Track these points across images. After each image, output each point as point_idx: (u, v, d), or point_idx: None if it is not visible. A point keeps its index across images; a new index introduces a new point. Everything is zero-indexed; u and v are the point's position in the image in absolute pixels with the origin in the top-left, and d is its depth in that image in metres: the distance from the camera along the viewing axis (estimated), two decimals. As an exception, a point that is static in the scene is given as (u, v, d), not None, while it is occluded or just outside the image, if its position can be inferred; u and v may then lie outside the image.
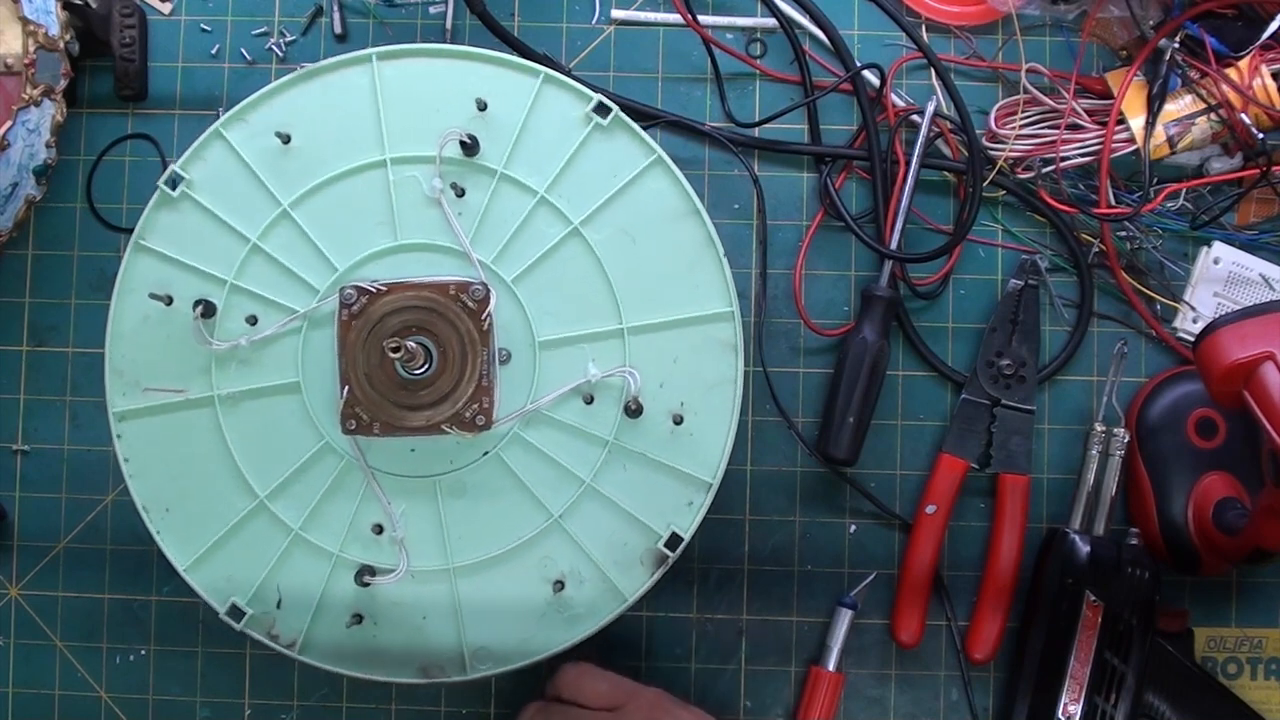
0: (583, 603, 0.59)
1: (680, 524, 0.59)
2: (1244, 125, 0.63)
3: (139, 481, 0.60)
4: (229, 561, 0.59)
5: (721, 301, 0.60)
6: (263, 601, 0.59)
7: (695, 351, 0.60)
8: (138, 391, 0.60)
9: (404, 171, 0.60)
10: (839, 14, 0.68)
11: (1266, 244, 0.67)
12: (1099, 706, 0.61)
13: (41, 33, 0.62)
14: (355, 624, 0.59)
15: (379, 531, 0.59)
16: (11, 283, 0.68)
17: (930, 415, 0.68)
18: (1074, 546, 0.62)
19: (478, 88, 0.60)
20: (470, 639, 0.59)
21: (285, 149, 0.60)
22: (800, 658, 0.67)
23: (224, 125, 0.61)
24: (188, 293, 0.60)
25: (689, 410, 0.59)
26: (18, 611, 0.67)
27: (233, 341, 0.59)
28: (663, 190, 0.60)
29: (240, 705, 0.67)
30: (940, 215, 0.68)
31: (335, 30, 0.69)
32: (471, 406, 0.56)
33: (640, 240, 0.60)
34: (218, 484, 0.60)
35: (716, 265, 0.60)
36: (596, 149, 0.60)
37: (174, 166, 0.60)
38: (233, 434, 0.60)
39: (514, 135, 0.60)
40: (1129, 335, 0.67)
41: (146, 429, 0.60)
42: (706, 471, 0.59)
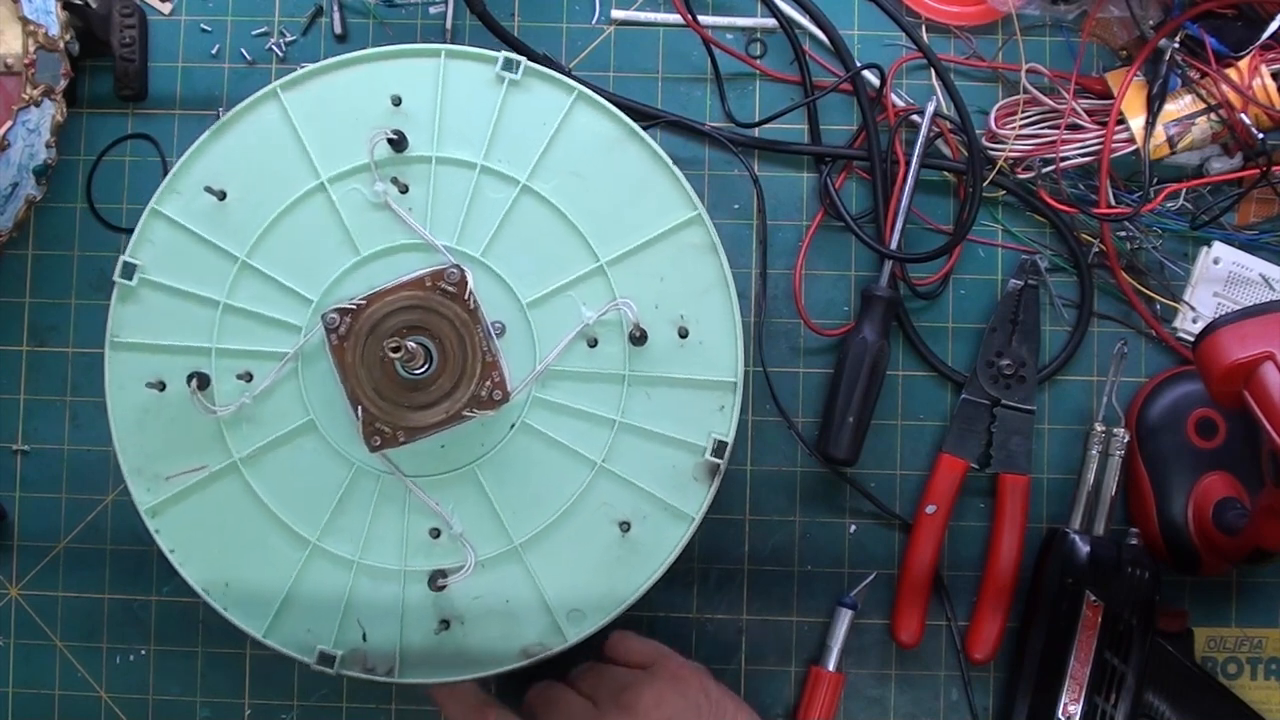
0: (651, 538, 0.59)
1: (719, 430, 0.59)
2: (1244, 125, 0.63)
3: (190, 568, 0.59)
4: (303, 613, 0.59)
5: (685, 208, 0.60)
6: (348, 638, 0.59)
7: (677, 263, 0.60)
8: (161, 482, 0.59)
9: (344, 187, 0.60)
10: (839, 14, 0.68)
11: (1266, 244, 0.67)
12: (1099, 706, 0.61)
13: (41, 33, 0.62)
14: (443, 630, 0.59)
15: (436, 535, 0.59)
16: (11, 283, 0.68)
17: (930, 415, 0.68)
18: (1074, 546, 0.62)
19: (387, 85, 0.60)
20: (558, 606, 0.59)
21: (223, 204, 0.60)
22: (800, 658, 0.67)
23: (158, 202, 0.60)
24: (177, 372, 0.59)
25: (690, 321, 0.59)
26: (18, 611, 0.67)
27: (235, 404, 0.59)
28: (592, 123, 0.61)
29: (240, 705, 0.67)
30: (940, 215, 0.68)
31: (335, 30, 0.69)
32: (484, 385, 0.56)
33: (589, 176, 0.60)
34: (267, 543, 0.59)
35: (669, 176, 0.60)
36: (518, 104, 0.60)
37: (124, 257, 0.60)
38: (265, 491, 0.59)
39: (435, 117, 0.60)
40: (1129, 335, 0.67)
41: (181, 515, 0.60)
42: (727, 373, 0.59)
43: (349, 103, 0.61)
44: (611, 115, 0.61)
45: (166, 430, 0.60)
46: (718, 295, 0.60)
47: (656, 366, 0.59)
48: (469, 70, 0.61)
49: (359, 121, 0.60)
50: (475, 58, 0.61)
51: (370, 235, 0.60)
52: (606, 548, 0.59)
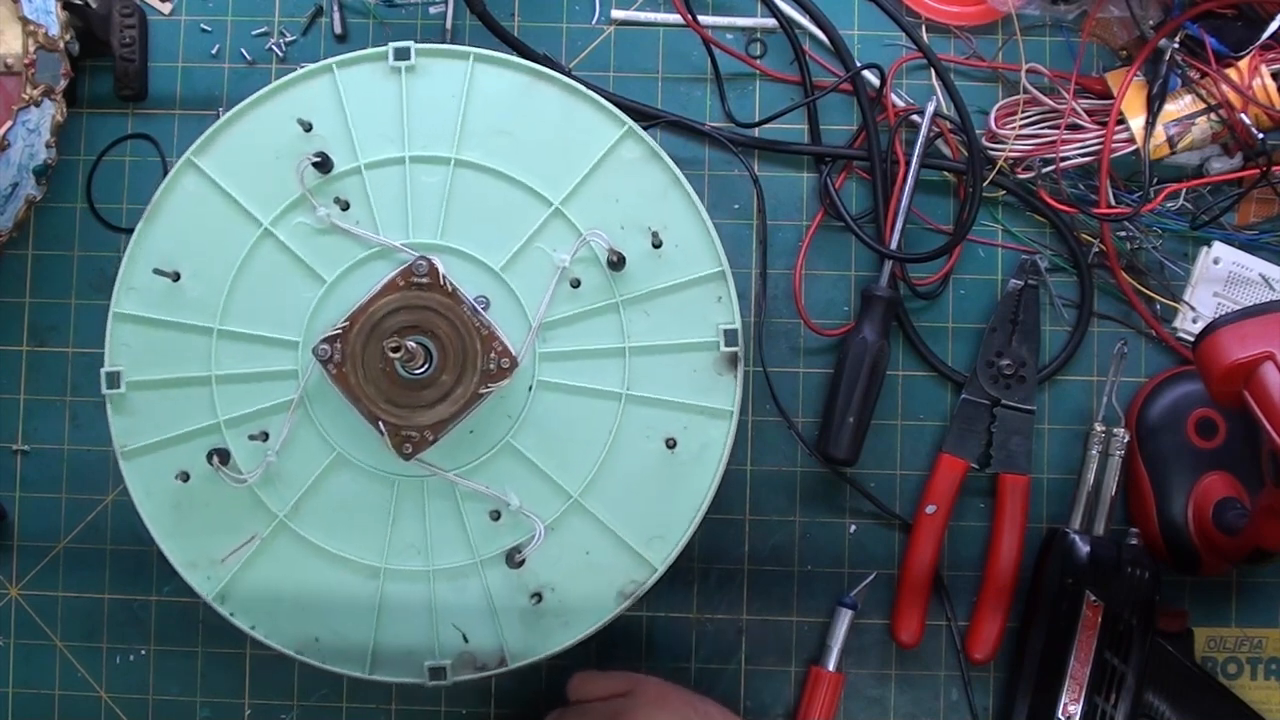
0: (697, 445, 0.59)
1: (724, 320, 0.59)
2: (1244, 125, 0.63)
3: (278, 637, 0.60)
4: (400, 637, 0.59)
5: (613, 127, 0.60)
6: (449, 647, 0.59)
7: (625, 180, 0.60)
8: (217, 566, 0.60)
9: (288, 225, 0.60)
10: (839, 14, 0.68)
11: (1266, 244, 0.67)
12: (1099, 706, 0.61)
13: (41, 33, 0.62)
14: (537, 602, 0.59)
15: (497, 517, 0.59)
16: (11, 283, 0.68)
17: (930, 415, 0.68)
18: (1074, 546, 0.62)
19: (291, 114, 0.60)
20: (635, 539, 0.59)
21: (180, 283, 0.60)
22: (800, 658, 0.67)
23: (117, 304, 0.60)
24: (195, 457, 0.59)
25: (659, 229, 0.59)
26: (18, 611, 0.67)
27: (261, 466, 0.59)
28: (495, 78, 0.61)
29: (240, 705, 0.67)
30: (940, 215, 0.68)
31: (335, 30, 0.69)
32: (489, 359, 0.56)
33: (513, 130, 0.60)
34: (342, 589, 0.59)
35: (589, 103, 0.61)
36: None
37: (104, 369, 0.60)
38: (321, 537, 0.59)
39: (347, 127, 0.60)
40: (1129, 335, 0.67)
41: (246, 589, 0.60)
42: (710, 265, 0.60)
43: (262, 145, 0.61)
44: (513, 65, 0.61)
45: (204, 515, 0.60)
46: (676, 196, 0.60)
47: (643, 283, 0.60)
48: (364, 73, 0.61)
49: (279, 158, 0.60)
50: (367, 59, 0.61)
51: (330, 260, 0.60)
52: (659, 469, 0.59)
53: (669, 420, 0.59)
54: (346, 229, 0.60)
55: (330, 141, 0.60)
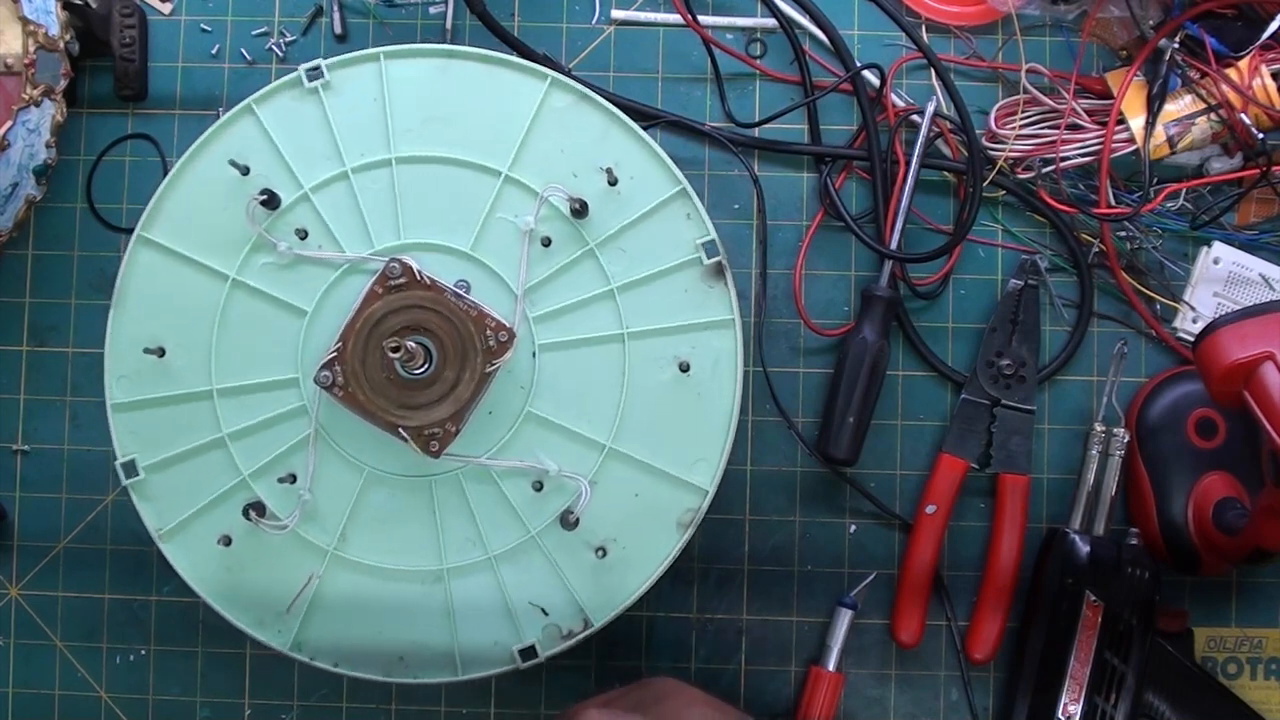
0: (709, 361, 0.60)
1: (698, 235, 0.60)
2: (1244, 125, 0.63)
3: (364, 667, 0.60)
4: (481, 630, 0.59)
5: (535, 82, 0.61)
6: (531, 626, 0.59)
7: (563, 130, 0.60)
8: (284, 618, 0.60)
9: (254, 267, 0.60)
10: (839, 14, 0.68)
11: (1266, 244, 0.67)
12: (1099, 706, 0.61)
13: (41, 33, 0.62)
14: (603, 556, 0.59)
15: (539, 488, 0.59)
16: (11, 283, 0.68)
17: (930, 415, 0.68)
18: (1074, 546, 0.62)
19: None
20: (679, 469, 0.59)
21: (164, 358, 0.60)
22: (800, 658, 0.67)
23: (112, 396, 0.60)
24: (232, 516, 0.59)
25: (611, 166, 0.60)
26: (18, 611, 0.67)
27: (297, 509, 0.59)
28: (410, 69, 0.61)
29: (240, 705, 0.67)
30: (940, 215, 0.68)
31: (335, 30, 0.69)
32: (486, 337, 0.57)
33: (444, 114, 0.60)
34: (411, 601, 0.60)
35: (504, 66, 0.61)
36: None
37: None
38: (375, 557, 0.60)
39: (282, 158, 0.60)
40: (1129, 335, 0.67)
41: (318, 630, 0.60)
42: (670, 186, 0.60)
43: (207, 199, 0.61)
44: (424, 52, 0.61)
45: (256, 573, 0.60)
46: (616, 132, 0.61)
47: (611, 222, 0.60)
48: (283, 101, 0.61)
49: (226, 208, 0.60)
50: (282, 87, 0.61)
51: (304, 290, 0.60)
52: (679, 395, 0.60)
53: (675, 345, 0.60)
54: (310, 256, 0.60)
55: (271, 176, 0.60)
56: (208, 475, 0.60)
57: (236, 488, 0.60)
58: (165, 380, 0.60)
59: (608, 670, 0.66)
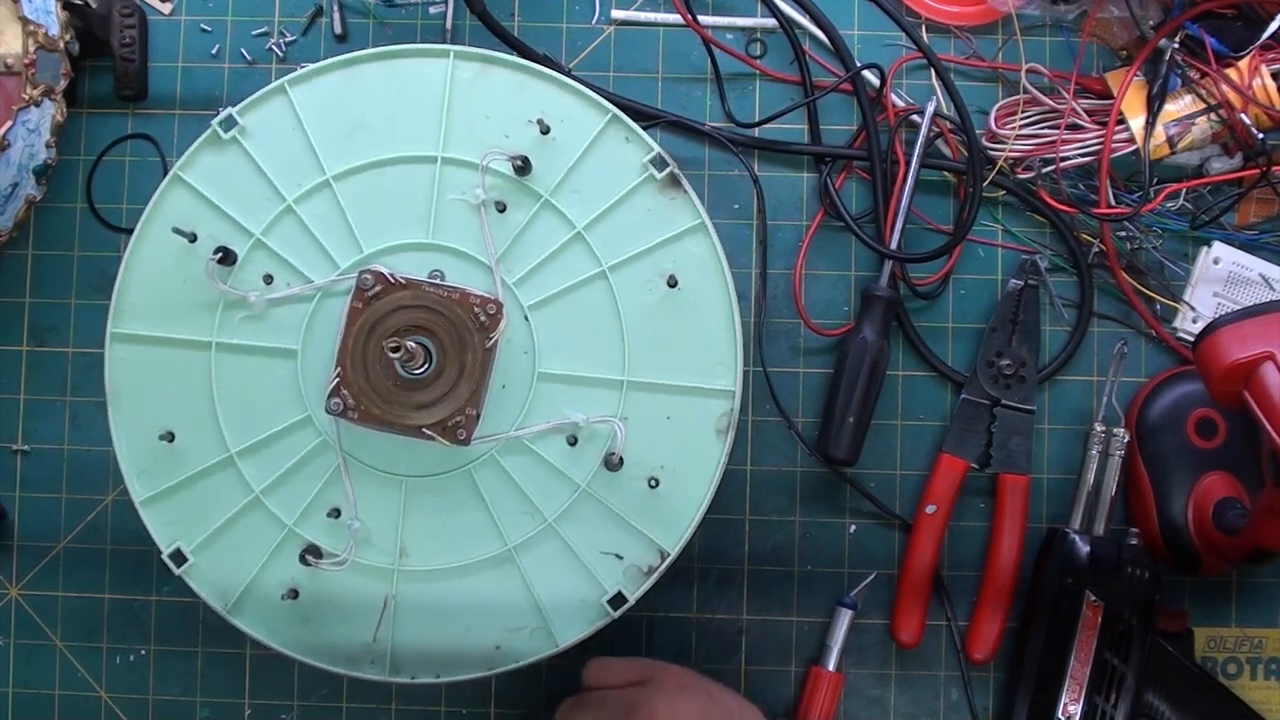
0: (694, 268, 0.60)
1: (644, 154, 0.60)
2: (1244, 125, 0.63)
3: (465, 669, 0.59)
4: (564, 592, 0.60)
5: (438, 60, 0.61)
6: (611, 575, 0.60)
7: (479, 97, 0.60)
8: (372, 647, 0.60)
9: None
10: (839, 14, 0.68)
11: (1266, 244, 0.67)
12: (1099, 706, 0.61)
13: (41, 33, 0.62)
14: (656, 485, 0.59)
15: (574, 442, 0.59)
16: (11, 283, 0.68)
17: (930, 415, 0.68)
18: (1074, 546, 0.62)
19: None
20: (701, 379, 0.60)
21: (175, 443, 0.60)
22: (800, 658, 0.67)
23: (138, 495, 0.60)
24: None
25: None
26: (18, 611, 0.67)
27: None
28: (317, 92, 0.61)
29: (240, 705, 0.67)
30: (940, 215, 0.68)
31: (335, 30, 0.69)
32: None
33: (363, 120, 0.61)
34: (489, 588, 0.60)
35: (404, 57, 0.61)
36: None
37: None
38: (441, 559, 0.60)
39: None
40: (1129, 335, 0.67)
41: (409, 648, 0.60)
42: (600, 116, 0.60)
43: (163, 276, 0.60)
44: (321, 69, 0.61)
45: (331, 614, 0.60)
46: (532, 83, 0.61)
47: (556, 169, 0.60)
48: (208, 161, 0.61)
49: (186, 277, 0.60)
50: (203, 147, 0.61)
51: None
52: (676, 310, 0.60)
53: (655, 264, 0.60)
54: (283, 296, 0.60)
55: (220, 234, 0.60)
56: (254, 536, 0.60)
57: (286, 540, 0.60)
58: (183, 461, 0.60)
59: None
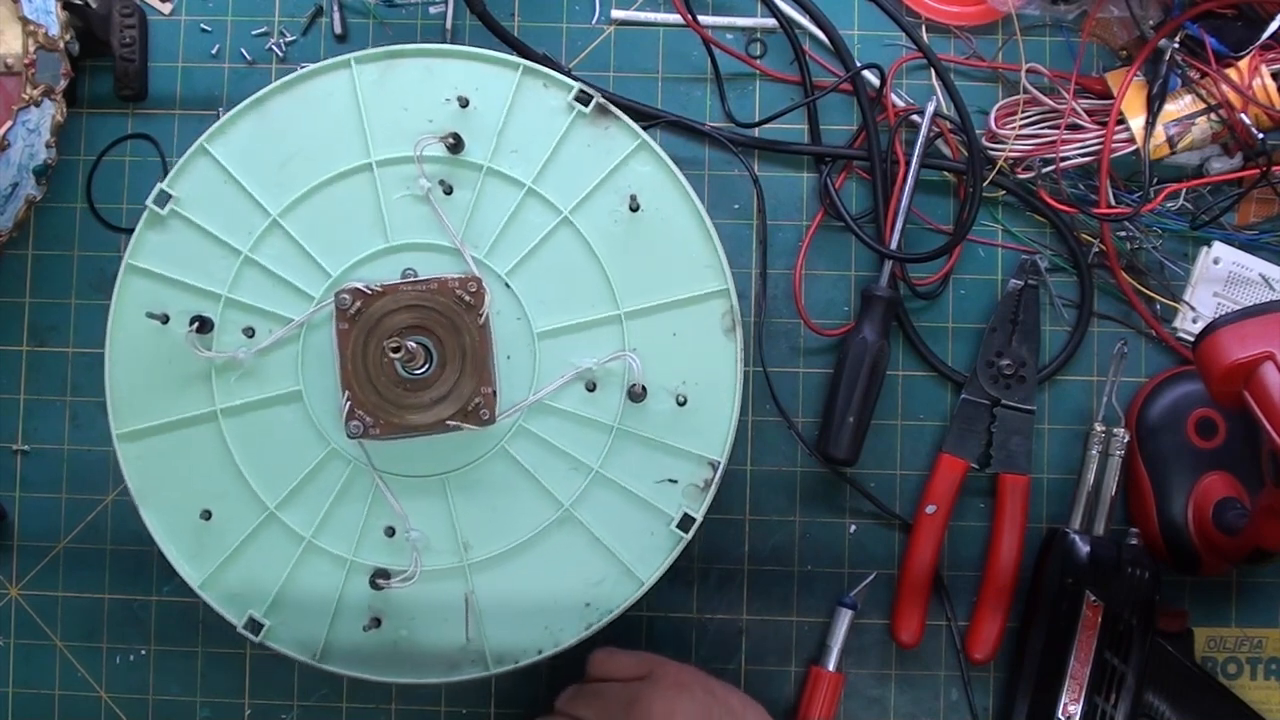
0: (653, 195, 0.60)
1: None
2: (1244, 125, 0.63)
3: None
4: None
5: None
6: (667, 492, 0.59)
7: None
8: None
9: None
10: (839, 14, 0.68)
11: (1266, 244, 0.67)
12: (1099, 706, 0.61)
13: (41, 33, 0.62)
14: (684, 403, 0.59)
15: (592, 388, 0.59)
16: (11, 283, 0.68)
17: (930, 415, 0.68)
18: (1074, 546, 0.62)
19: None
20: (696, 290, 0.60)
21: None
22: (800, 658, 0.67)
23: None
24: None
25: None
26: (18, 611, 0.67)
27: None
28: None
29: (240, 705, 0.67)
30: (940, 215, 0.68)
31: (335, 30, 0.69)
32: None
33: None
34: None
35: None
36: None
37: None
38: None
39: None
40: (1129, 335, 0.67)
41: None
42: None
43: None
44: (233, 118, 0.61)
45: (421, 627, 0.59)
46: (438, 66, 0.61)
47: (488, 137, 0.60)
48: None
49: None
50: (145, 229, 0.61)
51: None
52: (645, 231, 0.60)
53: (611, 195, 0.60)
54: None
55: (190, 305, 0.60)
56: (319, 580, 0.60)
57: (351, 573, 0.59)
58: (227, 533, 0.60)
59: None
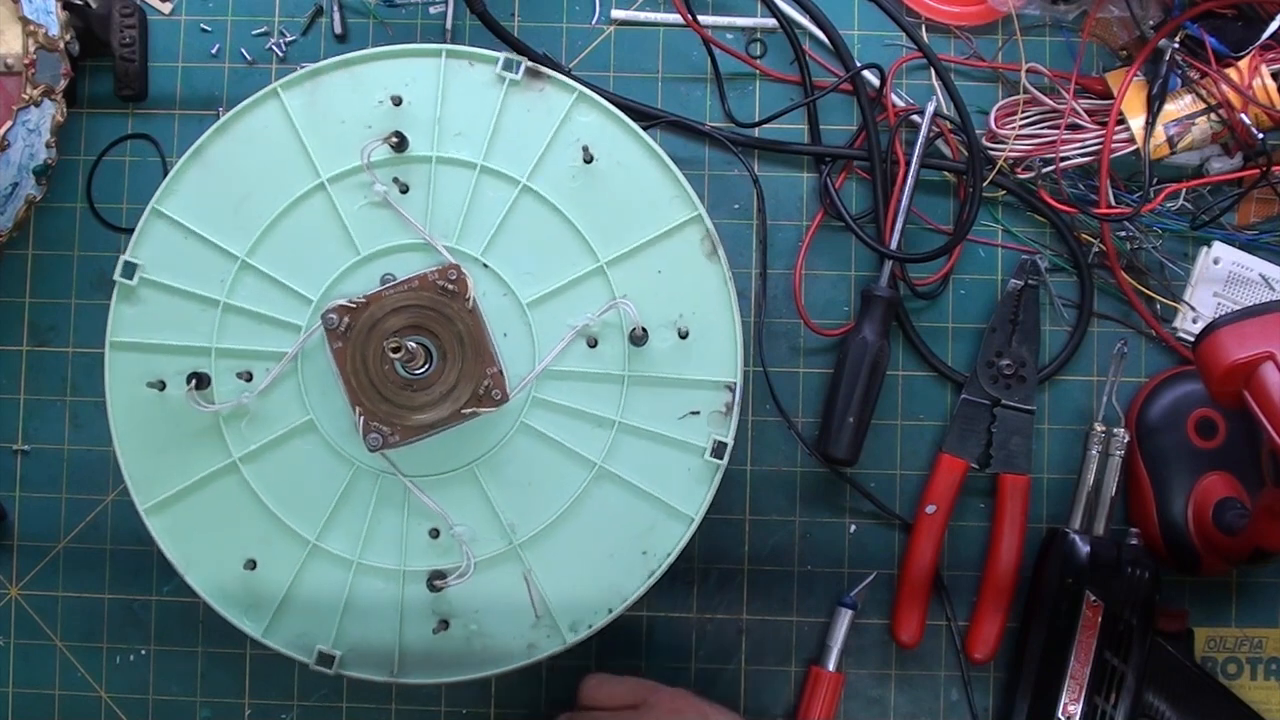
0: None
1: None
2: (1244, 125, 0.63)
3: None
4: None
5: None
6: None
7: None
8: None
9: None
10: (839, 14, 0.68)
11: (1266, 244, 0.67)
12: (1099, 706, 0.61)
13: (41, 33, 0.62)
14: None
15: (594, 343, 0.60)
16: (11, 283, 0.68)
17: (930, 415, 0.68)
18: (1074, 546, 0.62)
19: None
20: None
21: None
22: (800, 658, 0.67)
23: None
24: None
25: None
26: (18, 611, 0.67)
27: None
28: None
29: (240, 705, 0.67)
30: (940, 215, 0.68)
31: (335, 30, 0.69)
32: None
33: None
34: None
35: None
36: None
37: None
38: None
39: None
40: (1129, 335, 0.67)
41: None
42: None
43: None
44: (177, 174, 0.61)
45: (490, 616, 0.59)
46: (362, 73, 0.61)
47: (428, 128, 0.60)
48: (132, 315, 0.60)
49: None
50: (120, 302, 0.60)
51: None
52: (604, 180, 0.60)
53: (563, 151, 0.60)
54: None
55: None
56: (378, 599, 0.59)
57: (407, 582, 0.59)
58: (276, 576, 0.59)
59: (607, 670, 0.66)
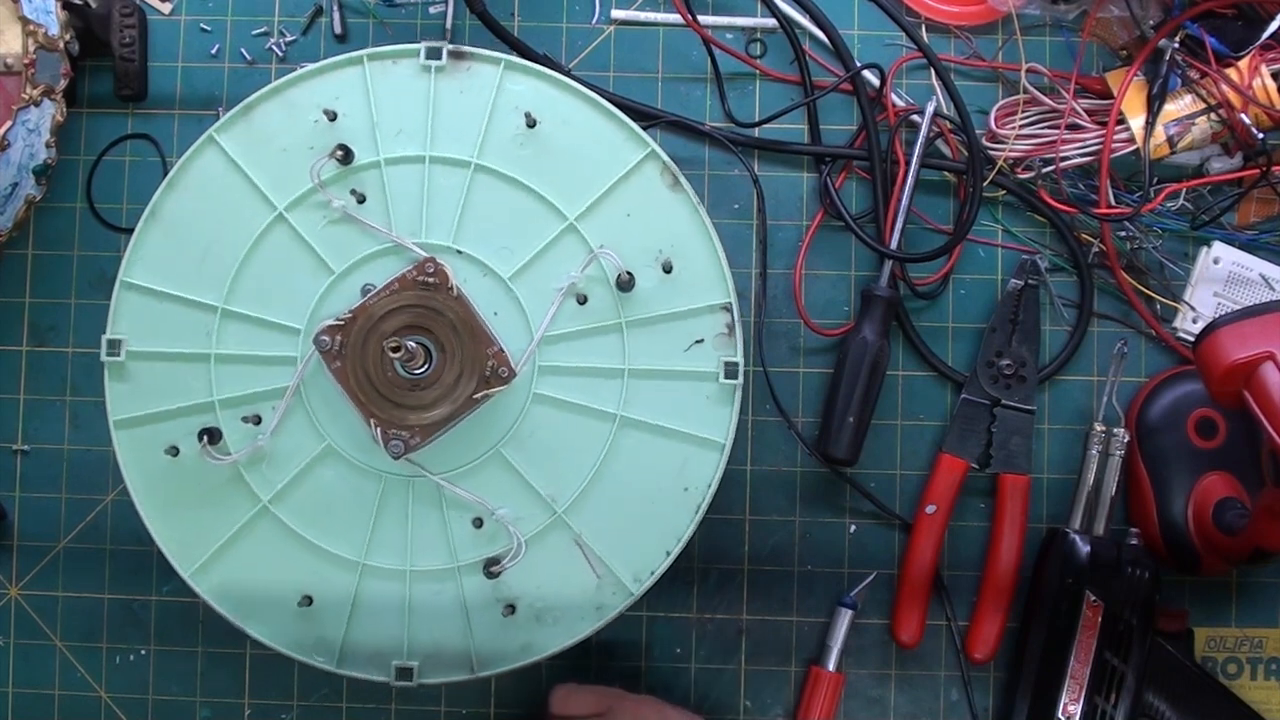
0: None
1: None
2: (1244, 125, 0.63)
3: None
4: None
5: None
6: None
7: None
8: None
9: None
10: (839, 14, 0.68)
11: (1266, 244, 0.67)
12: (1099, 706, 0.61)
13: (41, 33, 0.62)
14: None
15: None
16: (11, 283, 0.68)
17: (930, 415, 0.68)
18: (1074, 546, 0.62)
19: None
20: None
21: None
22: (800, 658, 0.67)
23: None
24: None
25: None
26: (18, 611, 0.67)
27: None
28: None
29: (240, 705, 0.67)
30: (940, 215, 0.68)
31: (335, 30, 0.69)
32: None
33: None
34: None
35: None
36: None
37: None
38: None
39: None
40: (1129, 335, 0.67)
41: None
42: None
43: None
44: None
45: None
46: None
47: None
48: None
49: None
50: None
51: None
52: (551, 148, 0.60)
53: (505, 122, 0.61)
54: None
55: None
56: (439, 601, 0.59)
57: (466, 577, 0.59)
58: (332, 607, 0.59)
59: (608, 670, 0.66)
